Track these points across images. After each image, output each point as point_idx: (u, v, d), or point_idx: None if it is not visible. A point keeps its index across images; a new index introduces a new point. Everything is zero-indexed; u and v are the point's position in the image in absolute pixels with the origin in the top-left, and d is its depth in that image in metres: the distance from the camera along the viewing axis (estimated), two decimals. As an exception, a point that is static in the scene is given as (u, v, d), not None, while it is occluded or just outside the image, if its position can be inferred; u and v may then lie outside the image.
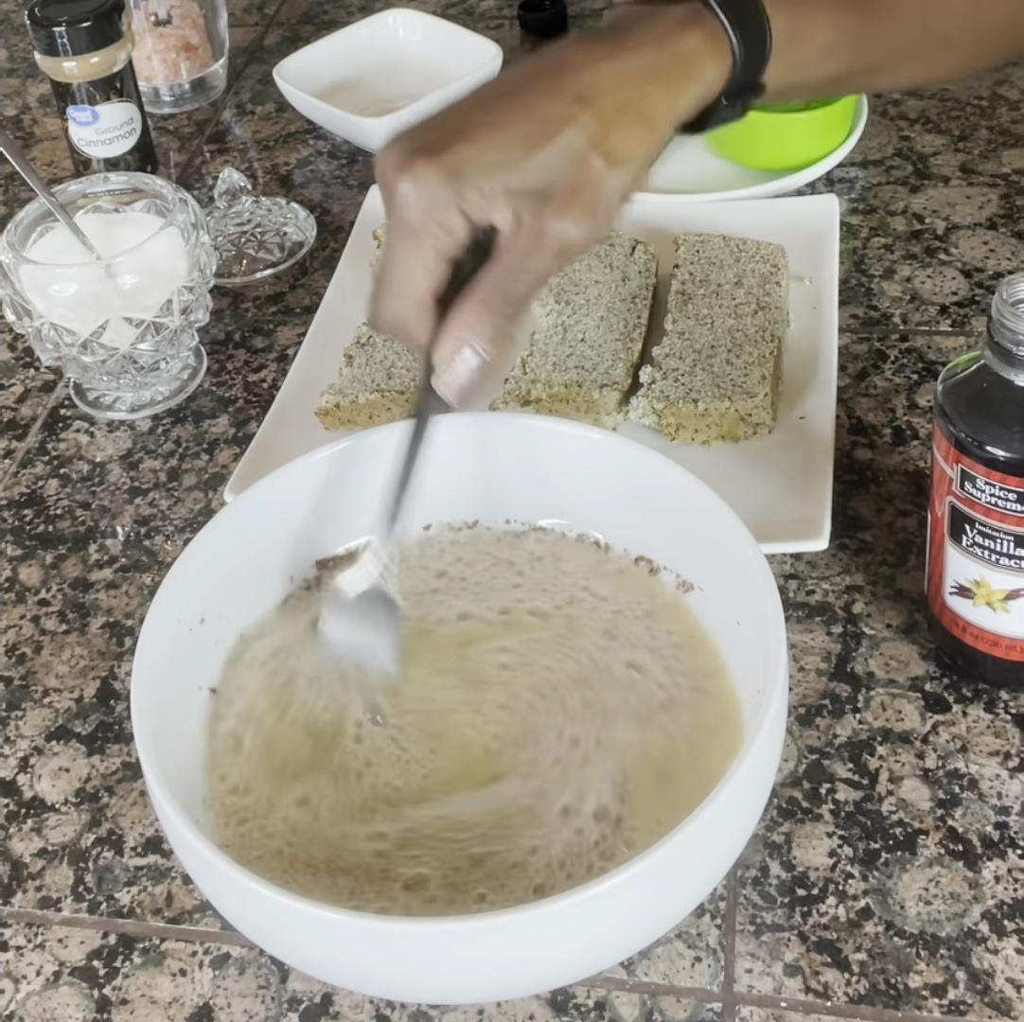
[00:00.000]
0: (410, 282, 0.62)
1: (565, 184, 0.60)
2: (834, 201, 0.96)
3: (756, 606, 0.61)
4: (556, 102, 0.61)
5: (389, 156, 0.61)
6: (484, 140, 0.60)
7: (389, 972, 0.55)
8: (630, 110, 0.62)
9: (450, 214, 0.60)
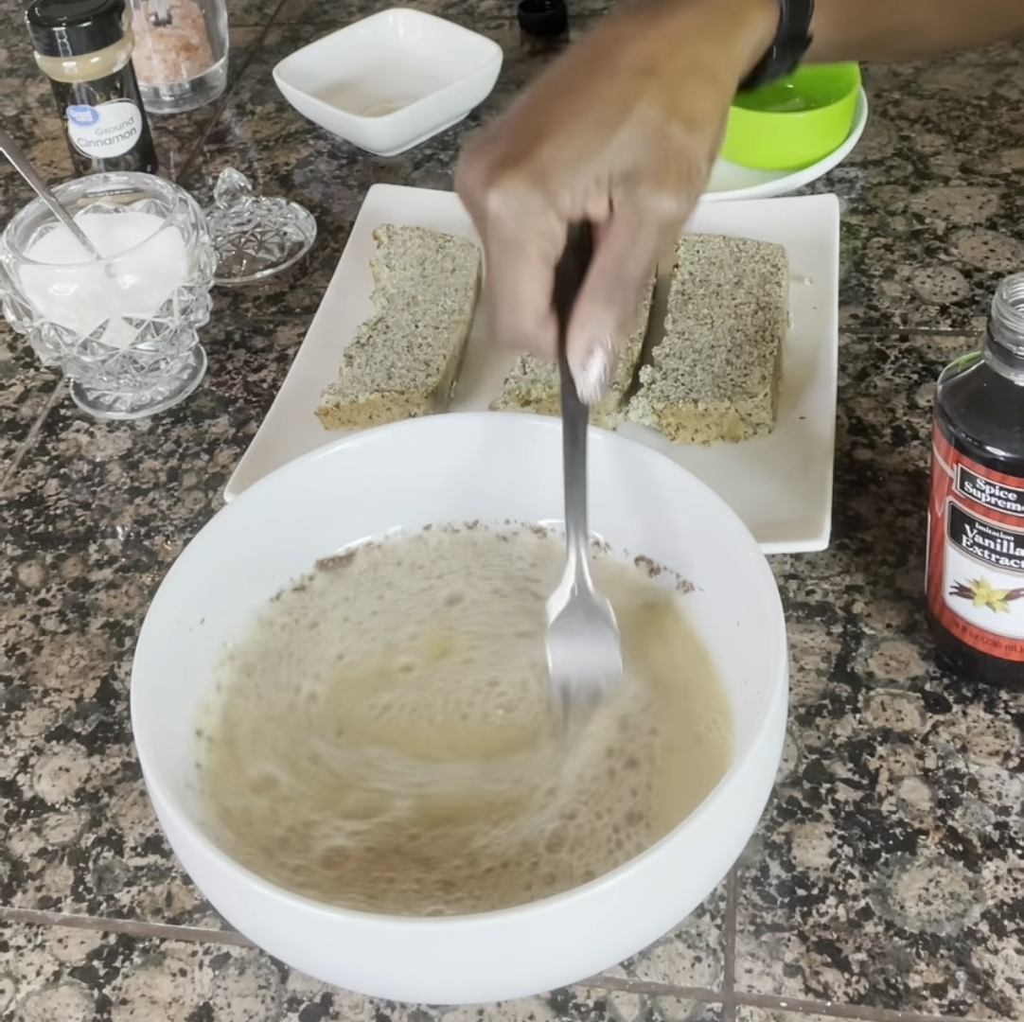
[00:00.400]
0: (525, 295, 0.61)
1: (652, 159, 0.59)
2: (834, 201, 0.96)
3: (756, 606, 0.61)
4: (620, 80, 0.60)
5: (471, 174, 0.60)
6: (561, 137, 0.60)
7: (389, 972, 0.55)
8: (694, 70, 0.61)
9: (548, 218, 0.60)
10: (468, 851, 0.60)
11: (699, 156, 0.60)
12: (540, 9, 1.27)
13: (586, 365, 0.61)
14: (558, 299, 0.62)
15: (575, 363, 0.61)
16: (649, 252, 0.60)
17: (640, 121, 0.60)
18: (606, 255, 0.61)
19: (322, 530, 0.71)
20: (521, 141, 0.60)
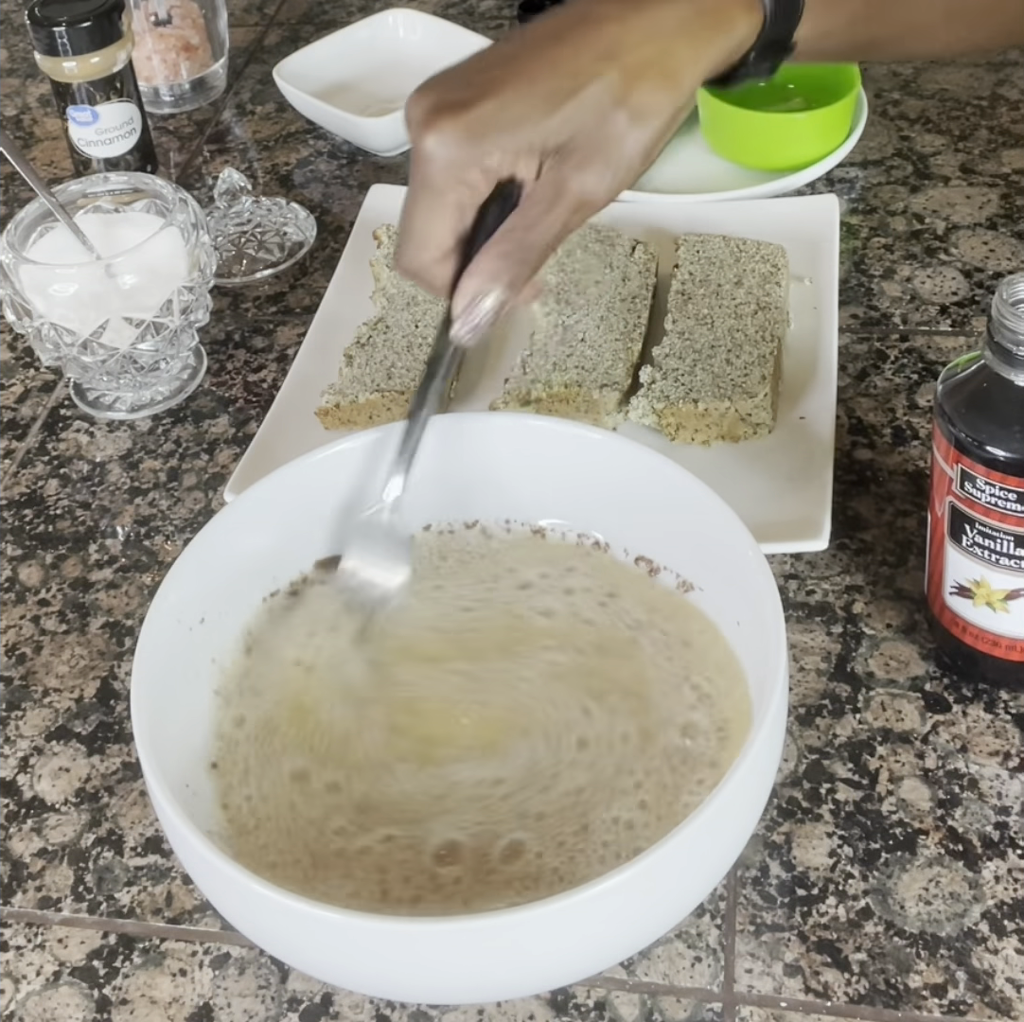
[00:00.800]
0: (431, 234, 0.63)
1: (588, 139, 0.61)
2: (834, 201, 0.96)
3: (756, 606, 0.61)
4: (581, 58, 0.61)
5: (415, 109, 0.62)
6: (508, 95, 0.61)
7: (389, 972, 0.55)
8: (656, 66, 0.62)
9: (472, 172, 0.61)
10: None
11: (634, 149, 0.61)
12: (540, 9, 1.25)
13: (466, 311, 0.63)
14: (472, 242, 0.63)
15: (457, 306, 0.63)
16: (558, 225, 0.62)
17: (588, 101, 0.61)
18: (518, 216, 0.62)
19: (322, 530, 0.71)
20: (469, 90, 0.62)
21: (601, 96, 0.61)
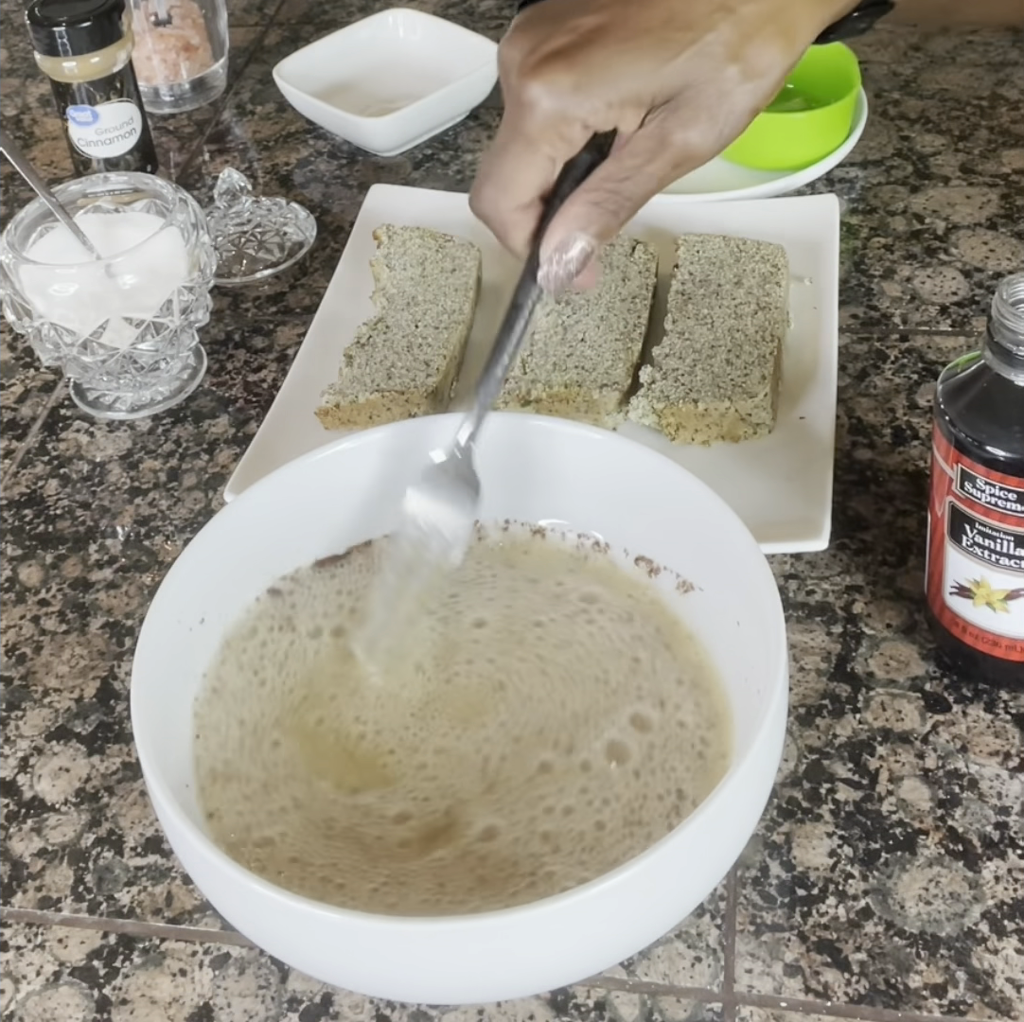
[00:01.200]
0: (517, 182, 0.61)
1: (697, 93, 0.59)
2: (834, 201, 0.96)
3: (756, 606, 0.61)
4: (696, 7, 0.59)
5: (517, 53, 0.60)
6: (619, 45, 0.59)
7: (389, 972, 0.55)
8: (772, 21, 0.60)
9: (574, 127, 0.59)
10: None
11: (743, 106, 0.60)
12: (540, 9, 1.27)
13: (555, 257, 0.61)
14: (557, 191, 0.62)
15: (547, 249, 0.62)
16: (656, 178, 0.60)
17: (700, 54, 0.58)
18: (615, 165, 0.61)
19: (322, 530, 0.71)
20: (579, 37, 0.59)
21: (715, 49, 0.58)
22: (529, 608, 0.69)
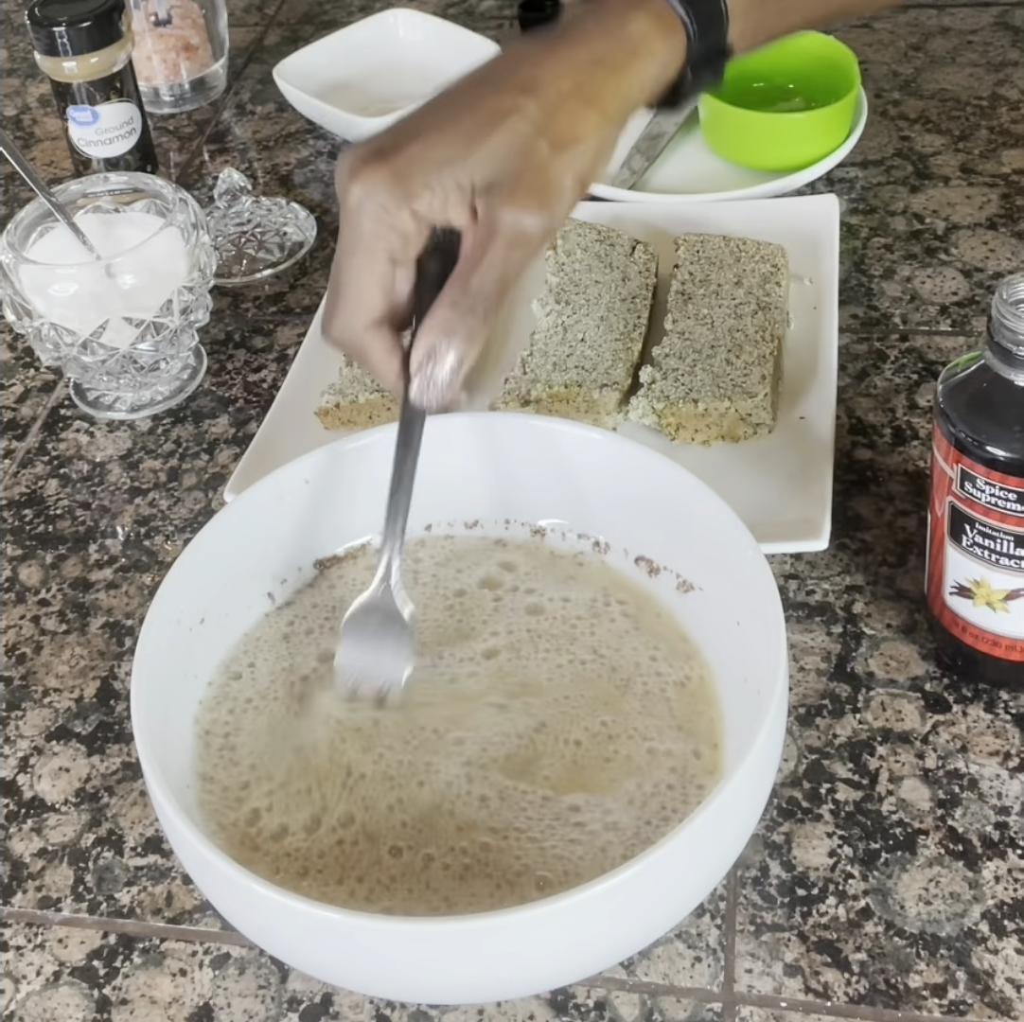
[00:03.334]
0: (363, 295, 0.61)
1: (513, 171, 0.60)
2: (834, 201, 0.96)
3: (756, 606, 0.61)
4: (501, 96, 0.61)
5: (341, 166, 0.61)
6: (432, 138, 0.60)
7: (389, 972, 0.55)
8: (575, 95, 0.61)
9: (402, 216, 0.59)
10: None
11: (562, 175, 0.60)
12: (540, 9, 1.26)
13: (423, 369, 0.61)
14: (413, 311, 0.62)
15: (413, 364, 0.61)
16: (503, 265, 0.60)
17: (508, 134, 0.60)
18: (462, 263, 0.60)
19: (322, 530, 0.71)
20: (394, 139, 0.61)
21: (521, 127, 0.60)
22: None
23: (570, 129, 0.61)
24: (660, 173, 1.04)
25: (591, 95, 0.62)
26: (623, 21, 0.64)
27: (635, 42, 0.64)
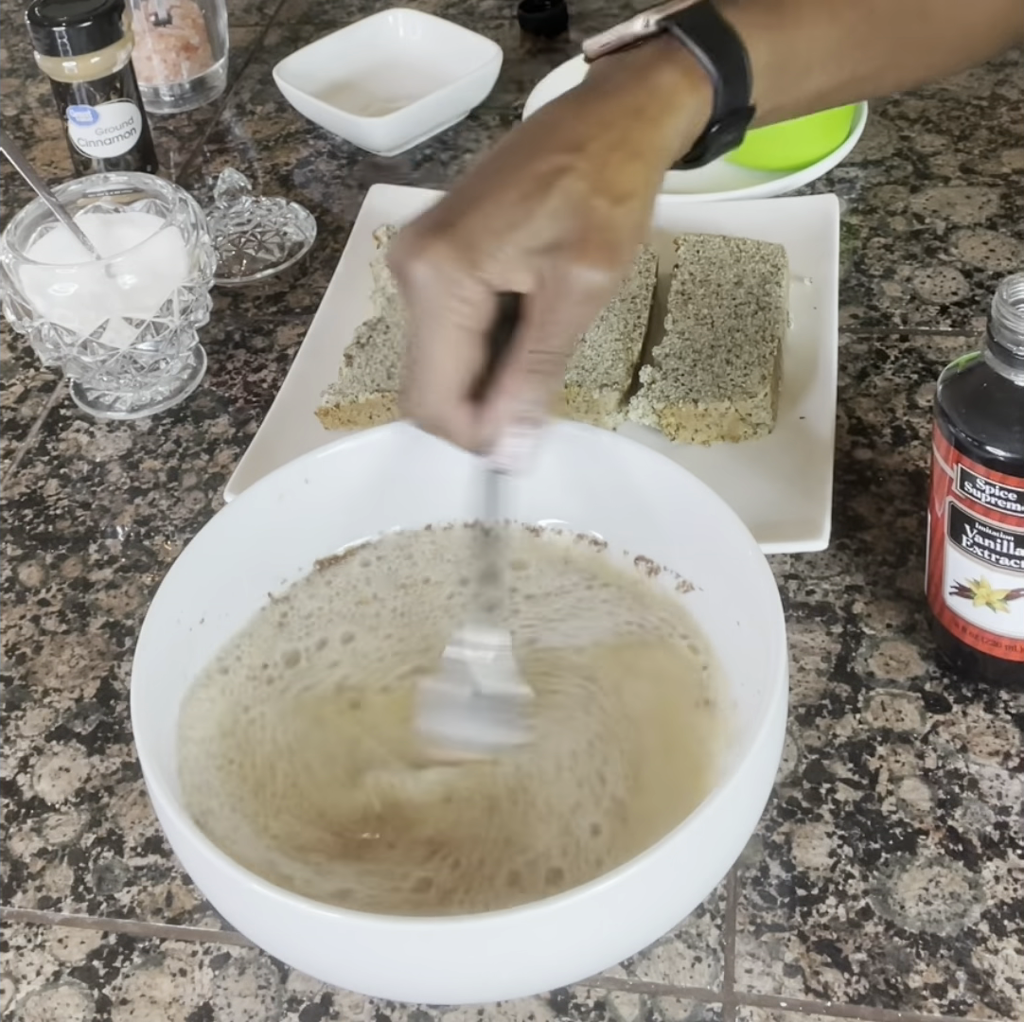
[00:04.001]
0: (442, 370, 0.61)
1: (576, 230, 0.60)
2: (834, 201, 0.96)
3: (756, 606, 0.61)
4: (548, 157, 0.61)
5: (398, 244, 0.60)
6: (487, 207, 0.60)
7: (389, 972, 0.55)
8: (620, 148, 0.62)
9: (469, 286, 0.59)
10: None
11: (623, 228, 0.60)
12: (540, 9, 1.27)
13: (505, 437, 0.61)
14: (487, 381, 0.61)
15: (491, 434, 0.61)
16: (571, 324, 0.60)
17: (565, 194, 0.60)
18: (530, 327, 0.60)
19: (322, 530, 0.71)
20: (450, 212, 0.60)
21: (577, 185, 0.60)
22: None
23: (624, 183, 0.61)
24: (660, 173, 1.04)
25: (635, 147, 0.62)
26: (653, 74, 0.64)
27: (666, 94, 0.64)
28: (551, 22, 1.26)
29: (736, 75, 0.66)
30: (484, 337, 0.61)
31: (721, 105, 0.66)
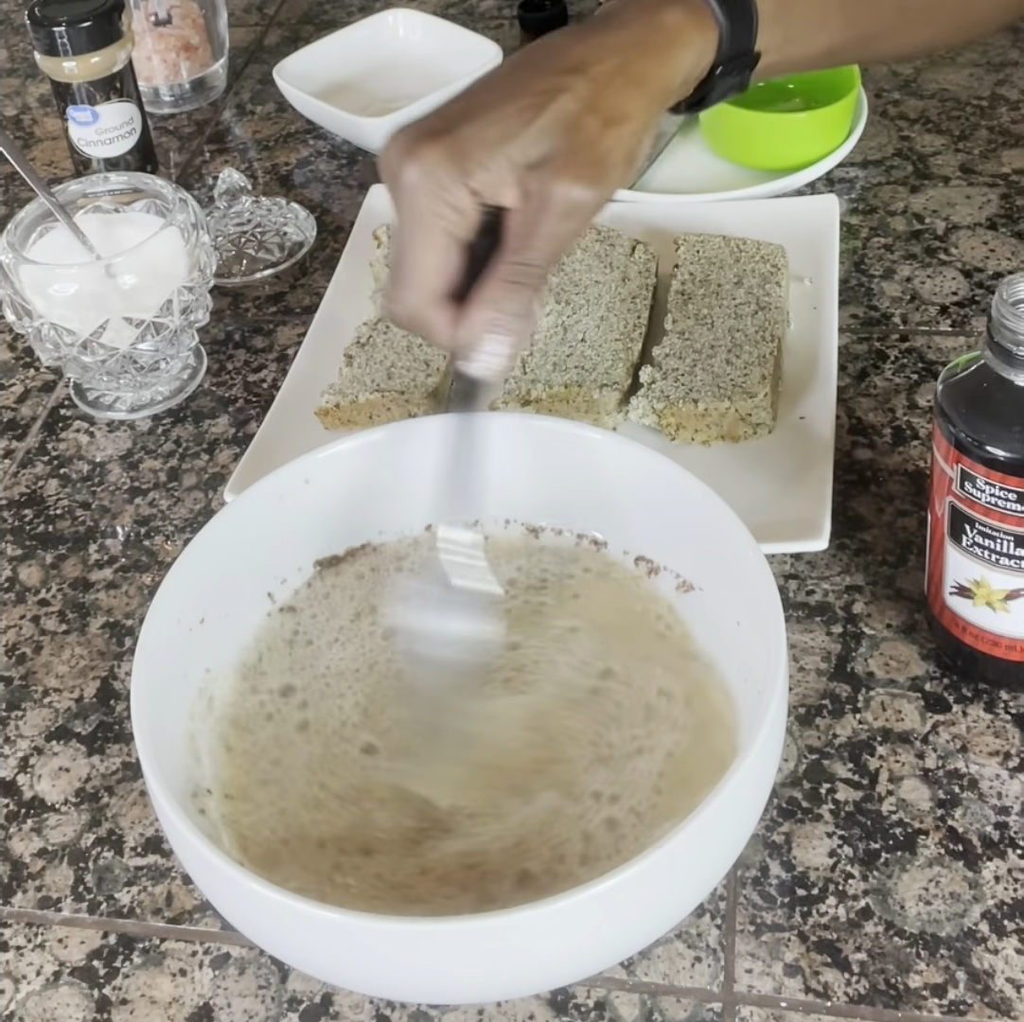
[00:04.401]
0: (425, 271, 0.62)
1: (564, 146, 0.61)
2: (834, 201, 0.96)
3: (756, 606, 0.61)
4: (548, 76, 0.63)
5: (392, 147, 0.62)
6: (483, 118, 0.61)
7: (389, 972, 0.55)
8: (620, 74, 0.63)
9: (458, 192, 0.61)
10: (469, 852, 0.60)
11: (611, 150, 0.61)
12: (540, 9, 1.26)
13: (480, 344, 0.62)
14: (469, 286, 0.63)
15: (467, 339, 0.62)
16: (553, 238, 0.61)
17: (559, 111, 0.61)
18: (513, 239, 0.62)
19: (322, 530, 0.71)
20: (446, 120, 0.62)
21: (571, 106, 0.61)
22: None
23: (619, 107, 0.62)
24: (660, 173, 1.04)
25: (636, 76, 0.63)
26: (660, 11, 0.66)
27: (672, 31, 0.65)
28: (551, 22, 1.26)
29: (742, 19, 0.67)
30: (467, 245, 0.62)
31: (726, 48, 0.67)
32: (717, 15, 0.66)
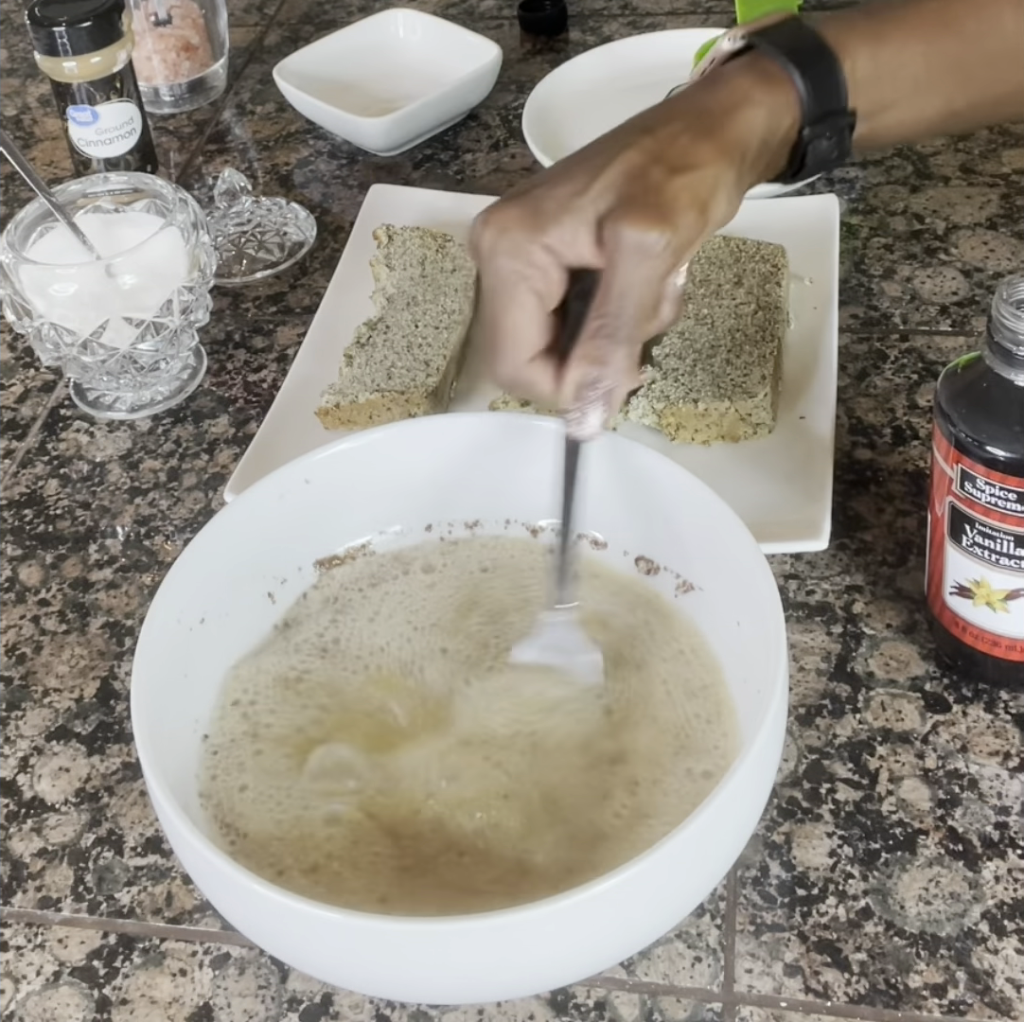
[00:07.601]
0: (516, 330, 0.63)
1: (630, 194, 0.61)
2: (834, 201, 0.96)
3: (756, 606, 0.61)
4: (619, 139, 0.63)
5: (476, 218, 0.63)
6: (557, 180, 0.63)
7: (389, 972, 0.55)
8: (687, 132, 0.63)
9: (534, 250, 0.61)
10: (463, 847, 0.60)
11: (678, 194, 0.61)
12: (540, 9, 1.27)
13: (582, 402, 0.62)
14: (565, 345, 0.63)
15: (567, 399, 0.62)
16: (628, 285, 0.61)
17: (624, 163, 0.62)
18: (600, 293, 0.61)
19: (322, 530, 0.71)
20: (523, 187, 0.64)
21: (637, 158, 0.62)
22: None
23: (685, 157, 0.62)
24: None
25: (703, 131, 0.64)
26: (729, 79, 0.66)
27: (739, 93, 0.65)
28: (551, 22, 1.26)
29: (823, 79, 0.66)
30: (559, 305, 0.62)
31: (809, 108, 0.66)
32: (790, 72, 0.66)
